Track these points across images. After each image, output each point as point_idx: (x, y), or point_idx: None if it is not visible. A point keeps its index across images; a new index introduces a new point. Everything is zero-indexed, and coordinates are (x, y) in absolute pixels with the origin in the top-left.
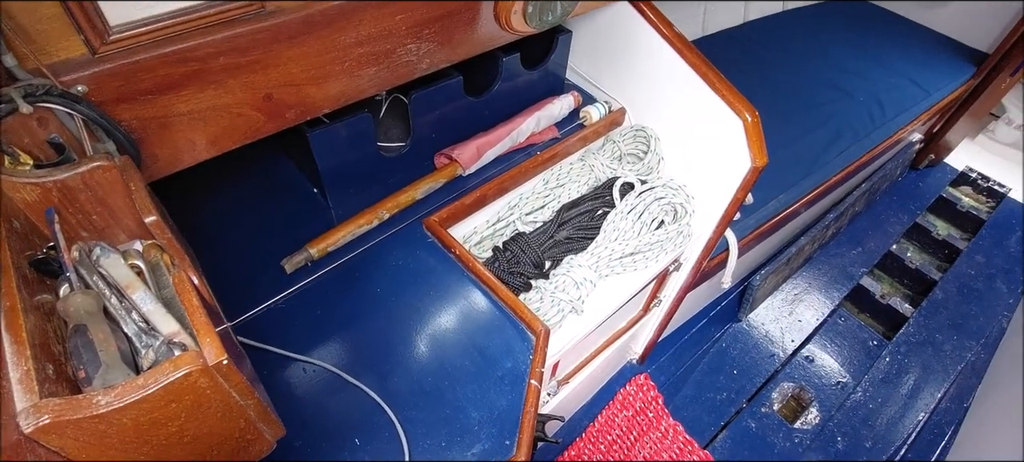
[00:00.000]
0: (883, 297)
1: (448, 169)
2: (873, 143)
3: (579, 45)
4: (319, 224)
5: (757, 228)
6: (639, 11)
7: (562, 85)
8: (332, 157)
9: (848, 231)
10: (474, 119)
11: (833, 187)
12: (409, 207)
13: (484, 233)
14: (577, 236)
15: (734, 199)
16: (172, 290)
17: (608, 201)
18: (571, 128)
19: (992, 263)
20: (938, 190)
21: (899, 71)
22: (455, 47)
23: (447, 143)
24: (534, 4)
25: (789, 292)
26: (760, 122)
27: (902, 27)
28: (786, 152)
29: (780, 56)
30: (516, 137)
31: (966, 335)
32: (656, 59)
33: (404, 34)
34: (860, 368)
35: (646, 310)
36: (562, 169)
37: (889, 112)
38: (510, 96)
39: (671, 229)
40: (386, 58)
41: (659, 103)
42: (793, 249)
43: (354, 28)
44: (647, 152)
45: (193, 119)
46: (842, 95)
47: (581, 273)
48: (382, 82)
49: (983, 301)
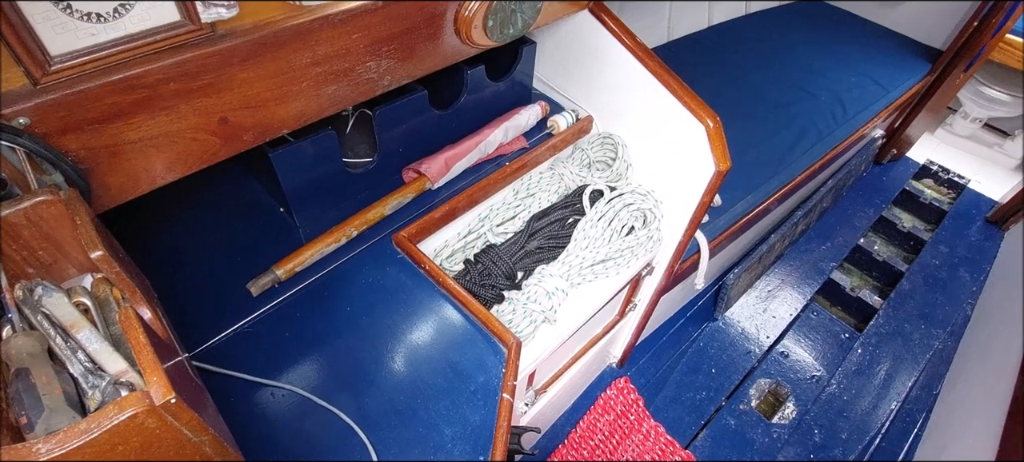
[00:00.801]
0: (853, 290)
1: (416, 183)
2: (836, 141)
3: (545, 55)
4: (287, 244)
5: (727, 229)
6: (601, 22)
7: (529, 95)
8: (297, 176)
9: (817, 227)
10: (441, 132)
11: (800, 185)
12: (378, 223)
13: (455, 246)
14: (548, 245)
15: (701, 203)
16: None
17: (578, 209)
18: (539, 137)
19: (955, 253)
20: (901, 183)
21: (859, 70)
22: (417, 63)
23: (415, 157)
24: (494, 18)
25: (763, 289)
26: (722, 128)
27: (860, 27)
28: (753, 153)
29: (744, 58)
30: (484, 149)
31: (933, 324)
32: (620, 68)
33: (363, 52)
34: (834, 361)
35: (622, 315)
36: (532, 179)
37: (851, 110)
38: (477, 108)
39: (641, 234)
40: (345, 76)
41: (625, 110)
42: (764, 247)
43: (309, 49)
44: (615, 159)
45: (145, 146)
46: (805, 95)
47: (553, 283)
48: (342, 100)
49: (948, 290)
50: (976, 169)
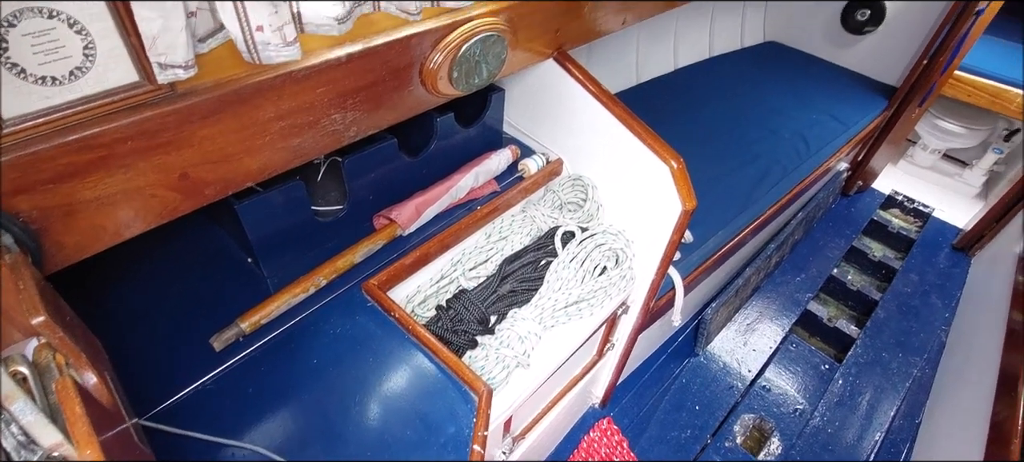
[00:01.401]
0: (830, 320)
1: (387, 230)
2: (801, 176)
3: (514, 101)
4: (254, 295)
5: (701, 264)
6: (565, 70)
7: (500, 140)
8: (264, 226)
9: (791, 259)
10: (412, 178)
11: (770, 219)
12: (347, 272)
13: (428, 292)
14: (521, 288)
15: (671, 241)
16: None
17: (551, 251)
18: (511, 181)
19: (925, 280)
20: (869, 214)
21: (819, 107)
22: (383, 114)
23: (385, 204)
24: (459, 70)
25: (741, 323)
26: (685, 168)
27: (818, 67)
28: (722, 189)
29: (709, 99)
30: (455, 193)
31: (910, 351)
32: (586, 113)
33: (327, 106)
34: (816, 393)
35: (600, 354)
36: (504, 222)
37: (813, 146)
38: (447, 154)
39: (614, 274)
40: (309, 129)
41: (594, 153)
42: (740, 281)
43: (272, 104)
44: (586, 200)
45: (101, 204)
46: (769, 133)
47: (525, 326)
48: (308, 152)
49: (921, 317)
50: (939, 198)
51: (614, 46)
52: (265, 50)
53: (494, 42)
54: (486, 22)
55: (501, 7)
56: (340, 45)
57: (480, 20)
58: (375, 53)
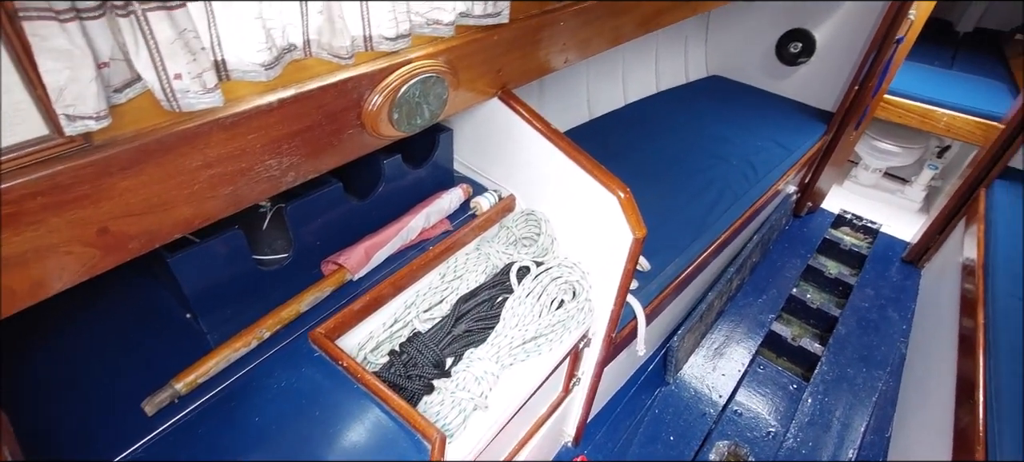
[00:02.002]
0: (795, 339)
1: (336, 276)
2: (752, 200)
3: (463, 139)
4: (192, 352)
5: (661, 292)
6: (511, 108)
7: (451, 178)
8: (201, 278)
9: (751, 281)
10: (361, 222)
11: (725, 243)
12: (293, 322)
13: (380, 337)
14: (477, 328)
15: (626, 270)
16: None
17: (507, 287)
18: (464, 219)
19: (881, 294)
20: (822, 233)
21: (763, 134)
22: (323, 158)
23: (334, 249)
24: (399, 111)
25: (709, 348)
26: (632, 197)
27: (760, 97)
28: (677, 217)
29: (659, 131)
30: (407, 235)
31: (873, 366)
32: (534, 148)
33: (260, 151)
34: (787, 414)
35: (567, 390)
36: (458, 260)
37: (761, 171)
38: (396, 195)
39: (571, 307)
40: (242, 177)
41: (544, 187)
42: (703, 306)
43: (199, 152)
44: (539, 234)
45: (9, 265)
46: (718, 160)
47: (482, 366)
48: (242, 200)
49: (881, 331)
50: (885, 214)
51: (565, 83)
52: (185, 98)
53: (434, 83)
54: (425, 64)
55: (440, 49)
56: (271, 91)
57: (418, 62)
58: (309, 98)
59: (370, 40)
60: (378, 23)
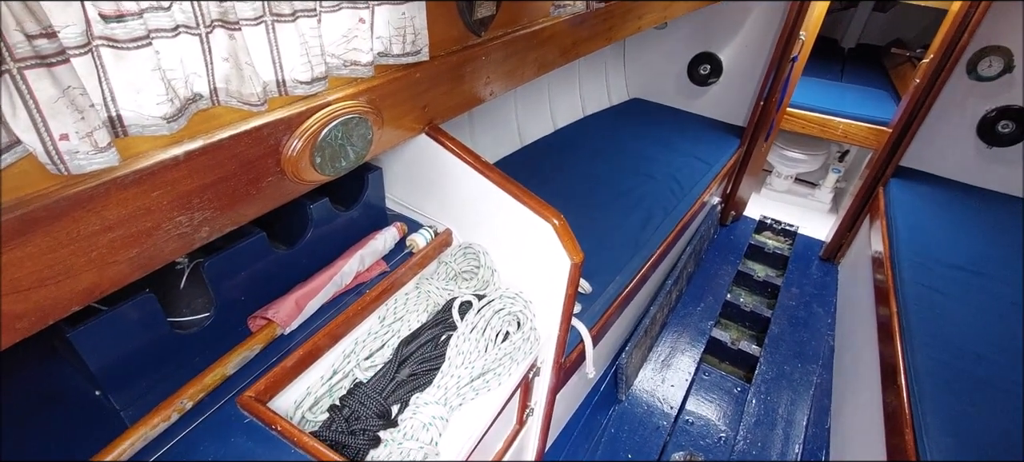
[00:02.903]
0: (734, 343)
1: (265, 332)
2: (681, 213)
3: (395, 177)
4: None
5: (605, 312)
6: (439, 143)
7: (384, 217)
8: (109, 352)
9: (689, 291)
10: (289, 271)
11: (661, 257)
12: (219, 387)
13: (319, 392)
14: (422, 370)
15: (567, 295)
16: None
17: (450, 324)
18: (400, 258)
19: (805, 292)
20: (747, 239)
21: (684, 151)
22: (241, 209)
23: (261, 303)
24: (321, 155)
25: (656, 360)
26: (567, 224)
27: (678, 116)
28: (613, 237)
29: (588, 155)
30: (341, 280)
31: (807, 360)
32: (467, 182)
33: (168, 209)
34: (734, 417)
35: (521, 422)
36: (398, 301)
37: (686, 185)
38: (327, 240)
39: (517, 338)
40: (148, 237)
41: (480, 220)
42: (647, 320)
43: (96, 215)
44: (479, 267)
45: None
46: (646, 179)
47: (429, 412)
48: (150, 262)
49: (810, 327)
50: (800, 217)
51: (495, 113)
52: (74, 160)
53: (357, 124)
54: (346, 105)
55: (360, 89)
56: (177, 143)
57: (339, 103)
58: (220, 148)
59: (284, 85)
60: (291, 67)
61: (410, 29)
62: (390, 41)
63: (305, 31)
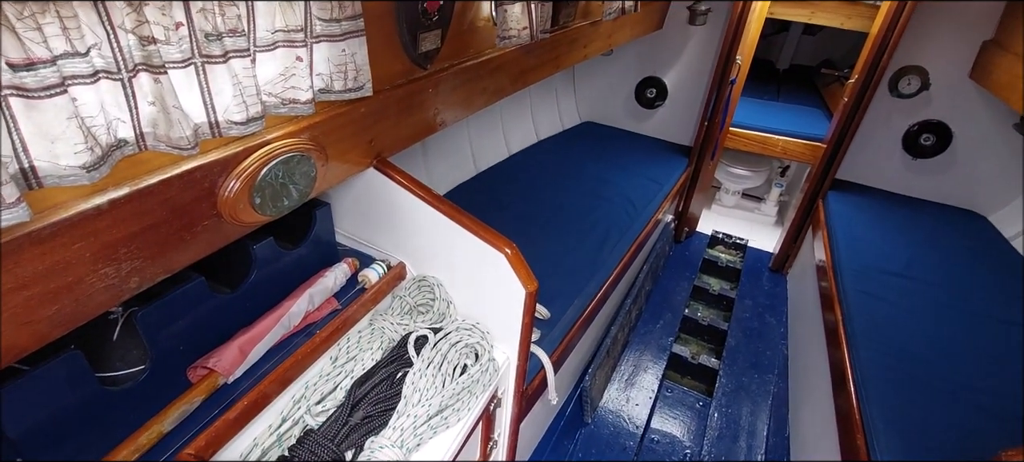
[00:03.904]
0: (694, 357)
1: (206, 382)
2: (636, 232)
3: (344, 211)
4: None
5: (565, 337)
6: (387, 177)
7: (335, 253)
8: (30, 416)
9: (648, 309)
10: (233, 316)
11: (619, 277)
12: (156, 445)
13: (267, 443)
14: (377, 412)
15: (524, 324)
16: None
17: (406, 360)
18: (352, 294)
19: (758, 303)
20: (701, 254)
21: (636, 172)
22: (174, 256)
23: (201, 351)
24: (261, 195)
25: (620, 381)
26: (519, 253)
27: (629, 138)
28: (570, 260)
29: (543, 179)
30: (289, 322)
31: (764, 371)
32: (418, 214)
33: (92, 261)
34: (698, 432)
35: (485, 455)
36: (351, 340)
37: (639, 205)
38: (273, 280)
39: (475, 371)
40: (70, 293)
41: (434, 251)
42: (608, 341)
43: (8, 273)
44: (434, 299)
45: None
46: (601, 201)
47: (385, 455)
48: (72, 319)
49: (764, 337)
50: (749, 231)
51: (449, 141)
52: None
53: (299, 162)
54: (286, 143)
55: (302, 126)
56: (100, 192)
57: (279, 142)
58: (149, 194)
59: (217, 126)
60: (224, 108)
61: (351, 65)
62: (331, 78)
63: (238, 71)
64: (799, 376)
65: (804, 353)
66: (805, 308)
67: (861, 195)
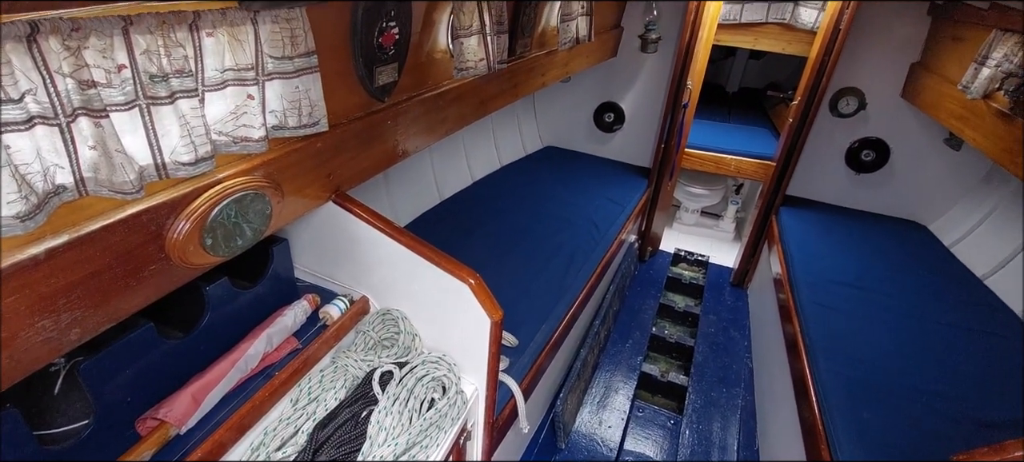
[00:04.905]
0: (663, 375)
1: (156, 434)
2: (601, 254)
3: (303, 247)
4: None
5: (534, 363)
6: (347, 210)
7: (294, 290)
8: None
9: (616, 329)
10: (186, 361)
11: (586, 299)
12: None
13: None
14: (341, 455)
15: (491, 353)
16: None
17: (371, 398)
18: (314, 332)
19: (722, 318)
20: (665, 272)
21: (598, 194)
22: (118, 304)
23: (152, 401)
24: (213, 236)
25: (592, 403)
26: (483, 283)
27: (590, 161)
28: (537, 285)
29: (508, 204)
30: (246, 365)
31: (731, 385)
32: (379, 247)
33: (27, 314)
34: (671, 451)
35: None
36: (312, 380)
37: (602, 227)
38: (228, 322)
39: (442, 405)
40: (5, 348)
41: (397, 284)
42: (578, 364)
43: None
44: (399, 333)
45: None
46: (565, 224)
47: None
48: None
49: (730, 351)
50: (709, 247)
51: (411, 170)
52: None
53: (252, 200)
54: (238, 182)
55: (255, 164)
56: (35, 241)
57: (231, 181)
58: (90, 240)
59: (164, 168)
60: (171, 149)
61: (306, 101)
62: (284, 114)
63: (186, 112)
64: (764, 389)
65: (768, 365)
66: (766, 321)
67: (811, 210)
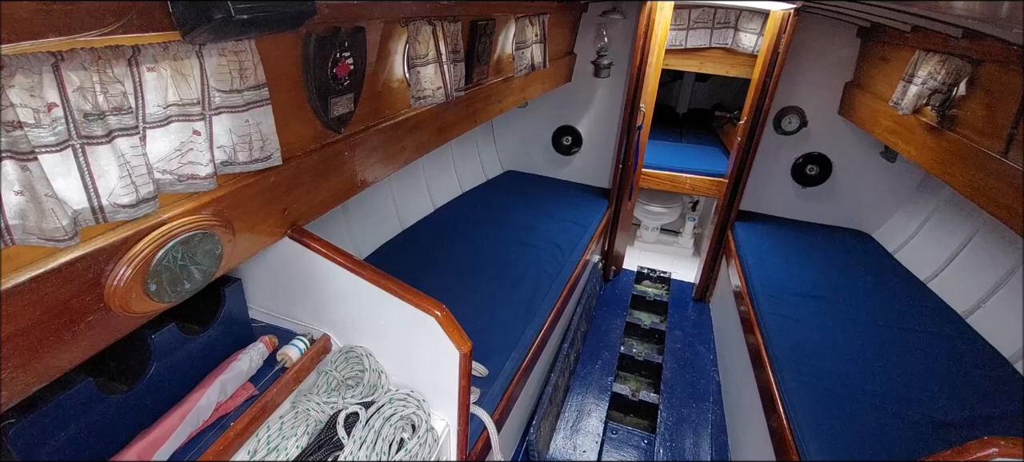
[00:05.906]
0: (634, 394)
1: None
2: (566, 277)
3: (258, 286)
4: None
5: (505, 392)
6: (304, 245)
7: (250, 332)
8: None
9: (585, 350)
10: (130, 418)
11: (554, 323)
12: None
13: None
14: None
15: (461, 386)
16: None
17: (336, 443)
18: (272, 376)
19: (687, 333)
20: (629, 291)
21: (560, 216)
22: (52, 360)
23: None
24: (157, 281)
25: (565, 427)
26: (450, 314)
27: (550, 184)
28: (504, 312)
29: (471, 231)
30: (197, 417)
31: (700, 399)
32: (339, 282)
33: None
34: None
35: None
36: (271, 428)
37: (566, 249)
38: (178, 370)
39: (412, 445)
40: None
41: (360, 320)
42: (549, 388)
43: None
44: (364, 371)
45: None
46: (528, 248)
47: None
48: None
49: (696, 366)
50: (671, 264)
51: (371, 201)
52: None
53: (201, 240)
54: (185, 222)
55: (203, 202)
56: None
57: (176, 221)
58: (16, 294)
59: (101, 211)
60: (110, 191)
61: (256, 135)
62: (234, 149)
63: (125, 151)
64: (733, 402)
65: (734, 378)
66: (729, 334)
67: (764, 223)
